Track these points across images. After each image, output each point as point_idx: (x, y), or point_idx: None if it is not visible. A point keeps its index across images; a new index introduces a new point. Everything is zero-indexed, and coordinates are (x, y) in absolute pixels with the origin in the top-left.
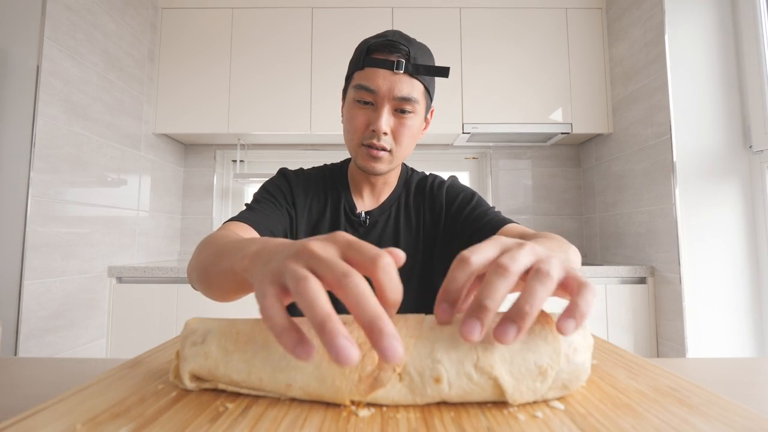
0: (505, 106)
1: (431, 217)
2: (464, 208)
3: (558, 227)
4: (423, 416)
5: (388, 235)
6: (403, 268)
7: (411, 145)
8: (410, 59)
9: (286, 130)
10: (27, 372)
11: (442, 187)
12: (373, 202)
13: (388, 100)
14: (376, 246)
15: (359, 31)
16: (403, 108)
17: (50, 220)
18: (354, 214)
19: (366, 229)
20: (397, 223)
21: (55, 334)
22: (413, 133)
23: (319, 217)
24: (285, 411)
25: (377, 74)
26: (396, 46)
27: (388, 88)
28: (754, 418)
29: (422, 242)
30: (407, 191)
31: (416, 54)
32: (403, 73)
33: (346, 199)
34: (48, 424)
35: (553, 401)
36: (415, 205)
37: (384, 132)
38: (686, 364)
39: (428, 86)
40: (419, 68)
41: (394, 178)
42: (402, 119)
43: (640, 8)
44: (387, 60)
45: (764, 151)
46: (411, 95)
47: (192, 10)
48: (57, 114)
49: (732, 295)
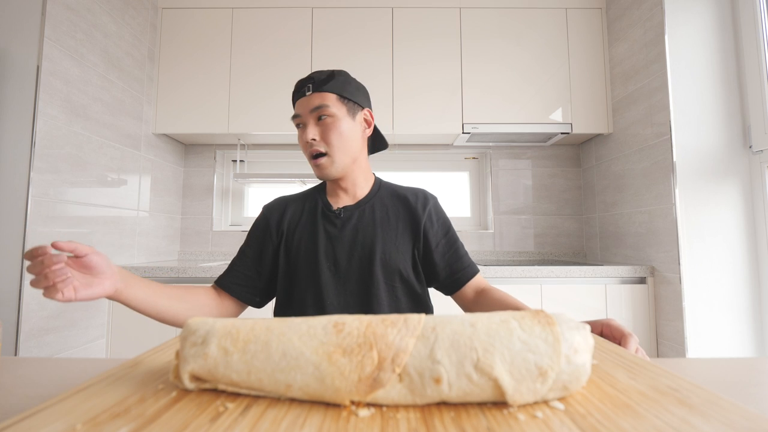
0: (505, 106)
1: (409, 218)
2: (441, 237)
3: (558, 227)
4: (423, 416)
5: (364, 225)
6: (377, 251)
7: (345, 142)
8: (315, 82)
9: (286, 130)
10: (27, 372)
11: (427, 199)
12: (349, 201)
13: (308, 115)
14: (353, 236)
15: (359, 31)
16: (320, 115)
17: (50, 220)
18: (330, 210)
19: (342, 221)
20: (373, 215)
21: (55, 334)
22: (340, 133)
23: (297, 220)
24: (285, 411)
25: (299, 103)
26: (304, 81)
27: (305, 107)
28: (754, 418)
29: (400, 233)
30: (383, 193)
31: (321, 75)
32: (312, 93)
33: (323, 200)
34: (48, 424)
35: (553, 401)
36: (392, 204)
37: (312, 138)
38: (686, 364)
39: (342, 93)
40: (319, 84)
41: (362, 182)
42: (323, 124)
43: (640, 8)
44: (299, 91)
45: (764, 151)
46: (322, 104)
47: (192, 10)
48: (57, 114)
49: (732, 295)
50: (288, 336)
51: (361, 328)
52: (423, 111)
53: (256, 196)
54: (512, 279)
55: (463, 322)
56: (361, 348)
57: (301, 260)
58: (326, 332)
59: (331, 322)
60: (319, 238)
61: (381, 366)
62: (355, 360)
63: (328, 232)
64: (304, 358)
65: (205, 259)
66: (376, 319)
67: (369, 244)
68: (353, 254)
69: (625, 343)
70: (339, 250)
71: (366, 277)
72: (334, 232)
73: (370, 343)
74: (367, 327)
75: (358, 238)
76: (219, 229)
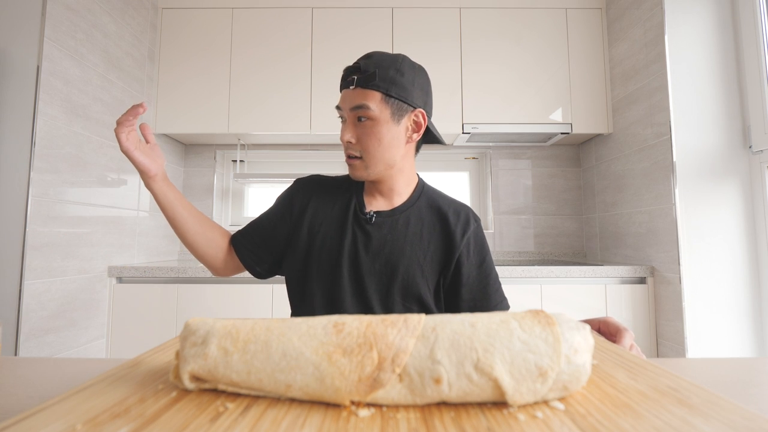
0: (505, 106)
1: (444, 241)
2: (474, 270)
3: (558, 227)
4: (423, 416)
5: (394, 237)
6: (399, 271)
7: (384, 150)
8: (362, 75)
9: (286, 130)
10: (27, 372)
11: (468, 224)
12: (385, 206)
13: (349, 112)
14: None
15: (359, 31)
16: (359, 116)
17: (50, 220)
18: (362, 212)
19: (372, 228)
20: (406, 229)
21: (55, 334)
22: (378, 138)
23: (324, 216)
24: (285, 411)
25: (343, 95)
26: (353, 68)
27: (347, 103)
28: (754, 418)
29: (430, 256)
30: (422, 204)
31: (369, 68)
32: (355, 87)
33: (358, 199)
34: (48, 424)
35: (553, 401)
36: (429, 219)
37: (348, 141)
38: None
39: (388, 91)
40: (363, 80)
41: (402, 186)
42: (362, 126)
43: (640, 8)
44: (345, 81)
45: (764, 151)
46: (361, 103)
47: (192, 10)
48: (57, 114)
49: (732, 295)
50: (288, 336)
51: (361, 328)
52: None
53: (256, 196)
54: (512, 279)
55: (463, 323)
56: (361, 348)
57: (323, 257)
58: (326, 332)
59: (331, 322)
60: (346, 239)
61: (381, 366)
62: (355, 360)
63: (356, 236)
64: (304, 358)
65: None
66: (376, 319)
67: (393, 262)
68: (374, 267)
69: (620, 338)
70: (362, 258)
71: (383, 294)
72: (361, 237)
73: (370, 343)
74: (367, 327)
75: (384, 250)
76: None
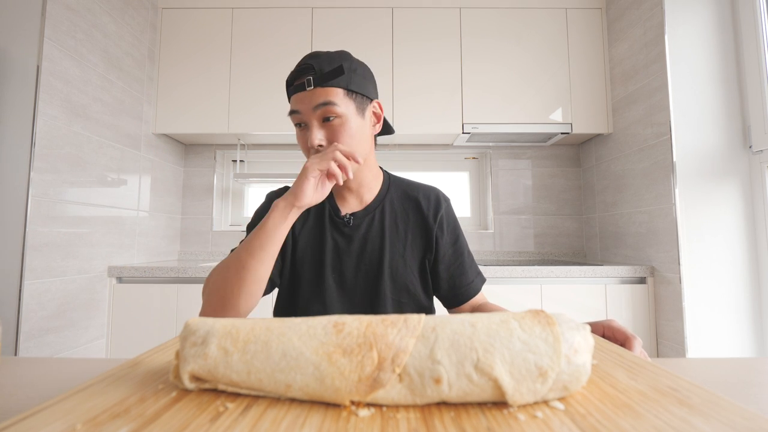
0: (505, 106)
1: (420, 226)
2: (449, 247)
3: (558, 227)
4: (423, 416)
5: (373, 234)
6: (385, 265)
7: (357, 146)
8: (316, 74)
9: (286, 130)
10: (27, 372)
11: (439, 204)
12: (357, 205)
13: (311, 114)
14: (362, 248)
15: (359, 31)
16: (325, 116)
17: (50, 220)
18: (338, 216)
19: (350, 230)
20: (382, 224)
21: (55, 334)
22: (350, 134)
23: (303, 222)
24: (285, 411)
25: (297, 98)
26: (304, 69)
27: (307, 105)
28: (754, 418)
29: (409, 245)
30: (393, 195)
31: (322, 66)
32: (314, 88)
33: (330, 204)
34: (48, 424)
35: (553, 401)
36: (402, 208)
37: (319, 145)
38: (686, 364)
39: (348, 86)
40: (323, 77)
41: (371, 180)
42: (330, 125)
43: (639, 8)
44: (299, 84)
45: (764, 151)
46: (326, 100)
47: (192, 10)
48: (57, 114)
49: (732, 295)
50: (288, 336)
51: (361, 328)
52: (423, 111)
53: (256, 196)
54: (512, 279)
55: (463, 323)
56: (361, 348)
57: (306, 268)
58: (326, 332)
59: (331, 322)
60: (327, 247)
61: (381, 366)
62: (355, 360)
63: (336, 242)
64: (304, 358)
65: (205, 259)
66: (376, 319)
67: (377, 258)
68: (360, 267)
69: (630, 346)
70: (346, 263)
71: (372, 292)
72: (341, 243)
73: (370, 343)
74: (367, 327)
75: (367, 249)
76: (219, 229)
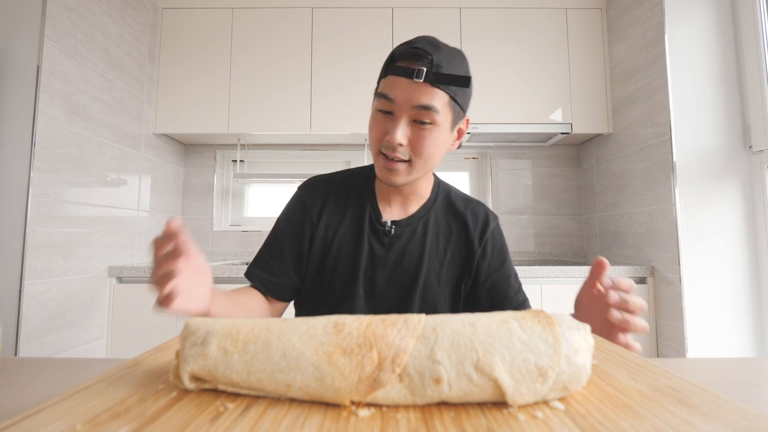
0: (505, 106)
1: (462, 246)
2: (493, 271)
3: (558, 227)
4: (423, 416)
5: (413, 248)
6: (419, 282)
7: (435, 157)
8: (433, 68)
9: (286, 130)
10: (27, 372)
11: (487, 224)
12: (401, 212)
13: (406, 110)
14: (398, 260)
15: (359, 31)
16: (421, 119)
17: (50, 220)
18: (379, 223)
19: (390, 239)
20: (424, 238)
21: (55, 334)
22: (435, 144)
23: (337, 225)
24: (285, 411)
25: (397, 83)
26: (420, 54)
27: (406, 97)
28: (754, 418)
29: (446, 265)
30: (439, 206)
31: (441, 62)
32: (423, 82)
33: (372, 206)
34: (48, 424)
35: (553, 401)
36: (446, 223)
37: (399, 143)
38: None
39: (455, 96)
40: (441, 77)
41: (424, 188)
42: (420, 130)
43: (640, 8)
44: (408, 68)
45: (764, 151)
46: (430, 104)
47: (192, 10)
48: (57, 114)
49: (732, 295)
50: (288, 336)
51: (361, 328)
52: None
53: (256, 196)
54: None
55: (463, 323)
56: (361, 348)
57: (338, 274)
58: (326, 332)
59: (331, 322)
60: (362, 253)
61: (381, 366)
62: (355, 360)
63: (373, 250)
64: (304, 358)
65: (205, 259)
66: (376, 319)
67: (412, 273)
68: (392, 280)
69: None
70: (379, 272)
71: (400, 306)
72: (379, 252)
73: (370, 343)
74: (367, 327)
75: (403, 262)
76: (219, 229)
